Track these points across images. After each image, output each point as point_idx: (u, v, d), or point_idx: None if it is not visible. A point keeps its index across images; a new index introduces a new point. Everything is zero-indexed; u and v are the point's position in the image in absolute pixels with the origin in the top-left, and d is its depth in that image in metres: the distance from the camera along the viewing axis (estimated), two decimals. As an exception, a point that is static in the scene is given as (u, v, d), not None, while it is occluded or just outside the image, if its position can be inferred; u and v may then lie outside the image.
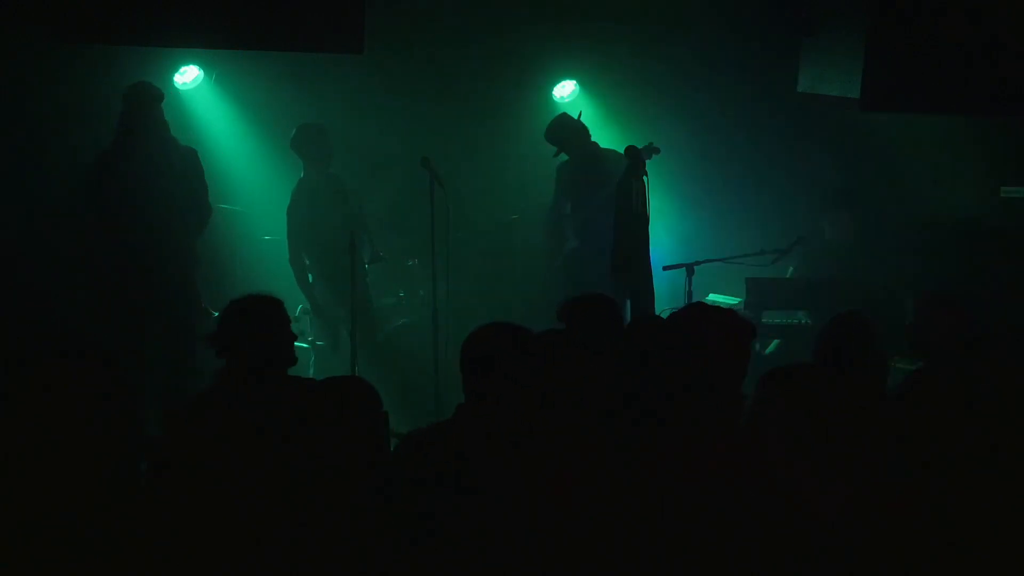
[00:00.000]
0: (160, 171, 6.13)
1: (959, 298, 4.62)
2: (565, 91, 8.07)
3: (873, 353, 4.14)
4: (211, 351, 3.98)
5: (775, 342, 6.95)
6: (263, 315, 4.02)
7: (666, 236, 7.07)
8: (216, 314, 6.63)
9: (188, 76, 7.35)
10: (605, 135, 7.39)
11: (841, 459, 3.23)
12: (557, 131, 7.08)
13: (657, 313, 6.21)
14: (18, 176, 6.72)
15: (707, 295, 7.32)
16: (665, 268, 6.73)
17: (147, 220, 6.09)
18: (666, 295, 6.57)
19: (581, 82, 8.04)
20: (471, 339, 3.49)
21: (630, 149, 6.62)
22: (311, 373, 6.88)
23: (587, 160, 7.04)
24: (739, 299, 7.01)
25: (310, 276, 6.95)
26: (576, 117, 7.13)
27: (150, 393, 6.20)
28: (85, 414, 2.85)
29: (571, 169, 7.19)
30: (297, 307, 7.18)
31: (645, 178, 6.34)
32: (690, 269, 6.59)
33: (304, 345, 7.19)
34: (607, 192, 7.03)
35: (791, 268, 7.12)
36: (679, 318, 3.84)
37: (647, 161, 6.10)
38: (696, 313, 3.84)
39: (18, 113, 6.70)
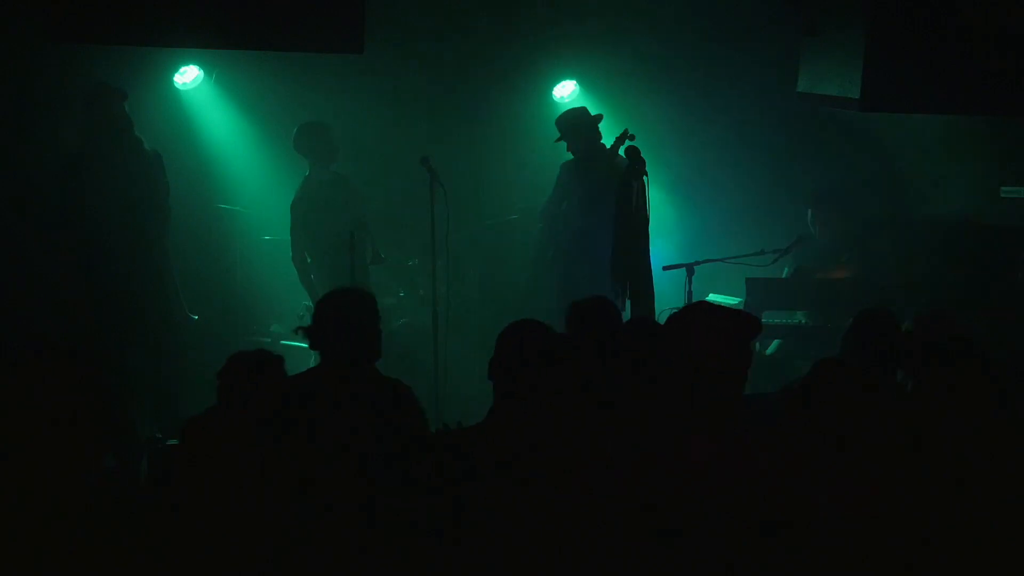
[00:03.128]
0: (126, 172, 6.14)
1: (953, 313, 4.64)
2: (565, 91, 8.06)
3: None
4: (194, 354, 4.04)
5: (775, 342, 6.94)
6: (357, 308, 4.15)
7: (666, 236, 7.07)
8: (195, 318, 6.66)
9: (188, 76, 7.35)
10: (605, 135, 7.38)
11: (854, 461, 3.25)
12: (565, 120, 7.03)
13: (658, 313, 6.23)
14: (15, 176, 6.72)
15: (707, 295, 7.33)
16: (665, 268, 6.73)
17: (115, 221, 6.09)
18: (666, 295, 6.57)
19: (581, 82, 8.04)
20: (505, 337, 3.47)
21: (631, 150, 6.63)
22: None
23: (581, 162, 7.02)
24: (739, 299, 7.01)
25: (312, 275, 6.95)
26: (593, 115, 7.02)
27: (137, 394, 6.22)
28: (58, 410, 2.84)
29: (568, 167, 7.18)
30: (300, 304, 7.19)
31: (645, 178, 6.36)
32: (690, 269, 6.59)
33: (305, 345, 7.19)
34: (578, 199, 7.03)
35: (786, 268, 7.12)
36: (679, 319, 3.82)
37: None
38: (696, 314, 3.81)
39: (15, 113, 6.70)
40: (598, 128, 6.97)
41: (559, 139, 7.05)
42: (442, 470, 3.32)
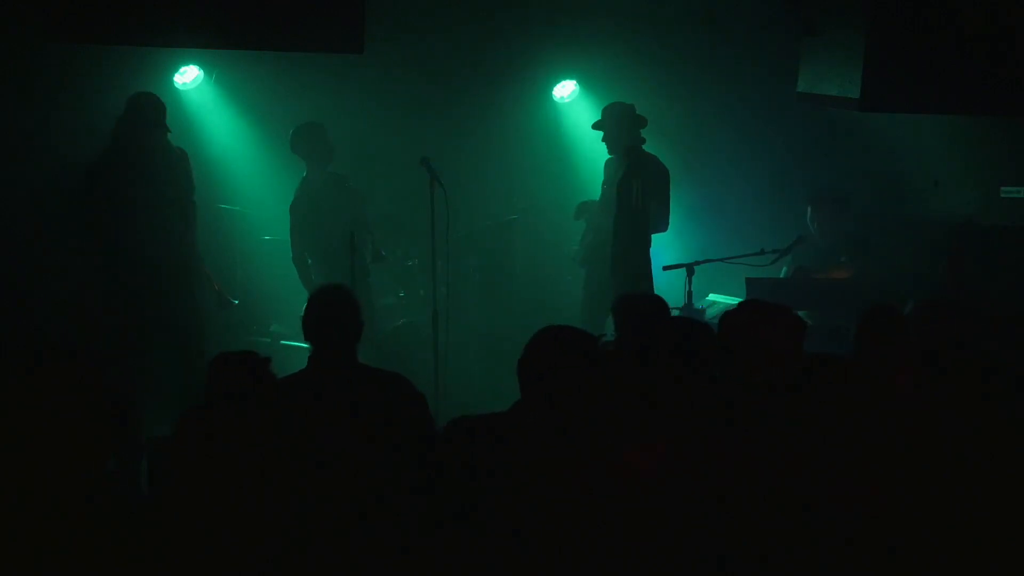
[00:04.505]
0: (153, 172, 6.13)
1: (957, 304, 4.63)
2: (565, 91, 8.07)
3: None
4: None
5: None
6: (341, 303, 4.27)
7: (666, 236, 7.06)
8: (236, 302, 6.67)
9: (188, 76, 7.35)
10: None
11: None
12: (608, 111, 7.00)
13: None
14: (16, 176, 6.72)
15: (707, 295, 7.33)
16: (665, 268, 6.74)
17: (140, 222, 6.09)
18: (666, 295, 6.57)
19: (581, 82, 8.04)
20: (536, 341, 3.45)
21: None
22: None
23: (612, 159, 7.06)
24: (739, 299, 7.00)
25: (313, 275, 6.95)
26: (637, 116, 6.94)
27: (161, 394, 6.21)
28: (60, 412, 2.85)
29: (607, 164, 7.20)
30: (300, 306, 7.18)
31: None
32: (690, 269, 6.59)
33: (305, 345, 7.19)
34: (600, 195, 7.07)
35: (785, 268, 7.12)
36: (735, 316, 3.78)
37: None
38: (754, 312, 3.78)
39: (16, 113, 6.70)
40: (638, 130, 6.90)
41: (596, 125, 7.05)
42: (452, 464, 3.32)
